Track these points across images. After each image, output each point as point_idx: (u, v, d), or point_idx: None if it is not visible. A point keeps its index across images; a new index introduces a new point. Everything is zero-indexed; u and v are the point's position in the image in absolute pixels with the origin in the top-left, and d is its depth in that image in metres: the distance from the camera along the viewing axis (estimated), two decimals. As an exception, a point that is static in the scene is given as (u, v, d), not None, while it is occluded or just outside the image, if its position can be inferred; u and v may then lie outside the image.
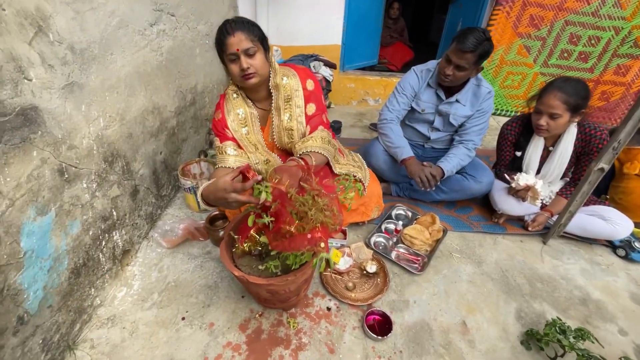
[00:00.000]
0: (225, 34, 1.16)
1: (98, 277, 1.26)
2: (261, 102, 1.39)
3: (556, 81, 1.51)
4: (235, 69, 1.21)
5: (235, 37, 1.16)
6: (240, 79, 1.24)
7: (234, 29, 1.16)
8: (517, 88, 3.11)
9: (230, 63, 1.21)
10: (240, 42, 1.16)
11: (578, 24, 2.72)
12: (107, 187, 1.28)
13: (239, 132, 1.36)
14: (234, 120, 1.36)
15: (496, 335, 1.27)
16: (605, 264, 1.62)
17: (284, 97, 1.34)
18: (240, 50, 1.17)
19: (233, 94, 1.36)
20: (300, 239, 0.86)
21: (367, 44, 3.59)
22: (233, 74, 1.24)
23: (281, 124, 1.36)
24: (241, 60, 1.18)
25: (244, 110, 1.36)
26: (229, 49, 1.17)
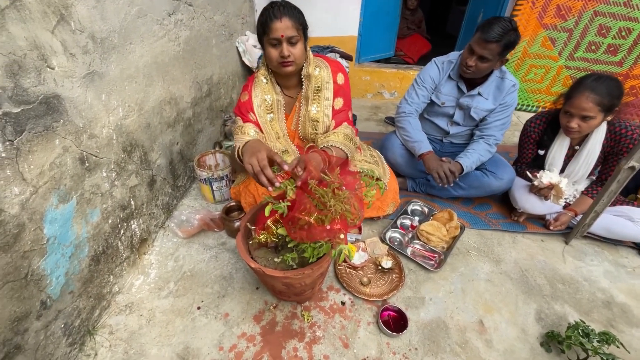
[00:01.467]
0: (272, 17, 1.15)
1: (117, 264, 1.28)
2: (289, 89, 1.39)
3: (586, 80, 1.43)
4: (275, 54, 1.20)
5: (282, 23, 1.14)
6: (277, 65, 1.23)
7: (282, 13, 1.14)
8: (539, 82, 2.99)
9: (270, 47, 1.21)
10: (286, 28, 1.15)
11: (608, 15, 2.58)
12: (126, 176, 1.29)
13: (263, 118, 1.36)
14: (261, 105, 1.36)
15: (515, 336, 1.23)
16: (631, 267, 1.56)
17: (314, 88, 1.34)
18: (285, 37, 1.16)
19: (263, 79, 1.36)
20: (319, 229, 0.84)
21: (384, 36, 3.51)
22: (270, 58, 1.23)
23: (308, 114, 1.36)
24: (283, 47, 1.18)
25: (272, 97, 1.36)
26: (273, 33, 1.16)
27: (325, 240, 0.88)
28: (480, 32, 1.46)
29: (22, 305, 0.89)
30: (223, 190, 1.74)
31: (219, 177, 1.69)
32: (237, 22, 2.52)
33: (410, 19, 4.26)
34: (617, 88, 1.40)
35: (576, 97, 1.42)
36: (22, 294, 0.88)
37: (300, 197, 0.85)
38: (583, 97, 1.39)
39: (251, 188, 1.50)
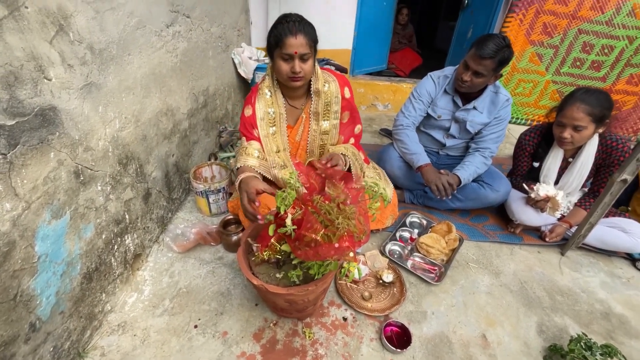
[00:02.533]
0: (287, 32, 1.15)
1: (109, 282, 1.22)
2: (294, 100, 1.40)
3: (577, 93, 1.48)
4: (286, 69, 1.22)
5: (297, 40, 1.16)
6: (286, 79, 1.25)
7: (297, 30, 1.15)
8: (528, 96, 3.09)
9: (281, 60, 1.21)
10: (300, 45, 1.16)
11: (591, 33, 2.71)
12: (121, 189, 1.25)
13: (265, 131, 1.36)
14: (264, 118, 1.36)
15: (518, 350, 1.23)
16: (626, 277, 1.58)
17: (324, 104, 1.36)
18: (298, 54, 1.18)
19: (267, 91, 1.36)
20: (327, 247, 0.83)
21: (377, 49, 3.58)
22: (280, 72, 1.23)
23: (319, 128, 1.39)
24: (295, 63, 1.19)
25: (275, 110, 1.37)
26: (287, 49, 1.17)
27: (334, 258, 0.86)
28: (475, 48, 1.50)
29: (10, 329, 0.83)
30: (220, 202, 1.71)
31: (216, 189, 1.65)
32: (233, 34, 2.53)
33: (401, 34, 4.36)
34: (606, 100, 1.45)
35: (568, 108, 1.46)
36: (9, 317, 0.83)
37: (307, 214, 0.84)
38: (574, 108, 1.44)
39: None
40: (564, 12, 2.64)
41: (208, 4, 1.95)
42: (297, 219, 0.89)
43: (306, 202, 0.90)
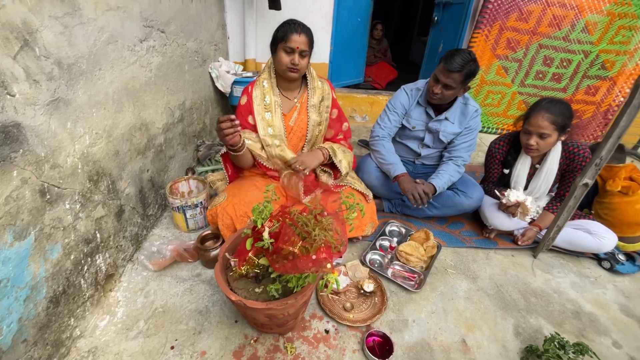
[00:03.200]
0: (294, 29, 1.40)
1: (78, 305, 1.16)
2: (288, 92, 1.60)
3: (542, 102, 1.58)
4: (286, 60, 1.43)
5: (301, 37, 1.40)
6: (285, 69, 1.46)
7: (302, 30, 1.42)
8: (497, 106, 3.25)
9: (283, 52, 1.43)
10: (302, 42, 1.41)
11: (551, 47, 2.90)
12: (92, 207, 1.21)
13: (261, 115, 1.53)
14: (260, 104, 1.53)
15: (497, 353, 1.25)
16: (594, 277, 1.66)
17: (319, 98, 1.61)
18: (299, 49, 1.41)
19: (264, 82, 1.55)
20: (305, 260, 0.82)
21: (353, 63, 3.68)
22: (281, 62, 1.44)
23: (317, 118, 1.62)
24: (295, 56, 1.42)
25: (270, 97, 1.54)
26: (292, 43, 1.40)
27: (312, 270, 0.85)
28: (443, 63, 1.57)
29: (-35, 362, 0.78)
30: (197, 218, 1.67)
31: (193, 204, 1.62)
32: (210, 49, 2.54)
33: (376, 48, 4.51)
34: (568, 110, 1.55)
35: (533, 116, 1.55)
36: (-35, 348, 0.77)
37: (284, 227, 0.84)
38: (540, 116, 1.53)
39: (229, 210, 1.46)
40: (525, 28, 2.82)
41: (183, 19, 1.95)
42: (274, 232, 0.88)
43: (283, 214, 0.90)
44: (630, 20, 2.73)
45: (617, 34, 2.79)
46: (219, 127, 1.26)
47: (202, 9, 2.29)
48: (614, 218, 1.81)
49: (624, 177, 1.80)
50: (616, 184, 1.78)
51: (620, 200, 1.80)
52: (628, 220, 1.78)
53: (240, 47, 3.05)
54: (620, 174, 1.79)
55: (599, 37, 2.81)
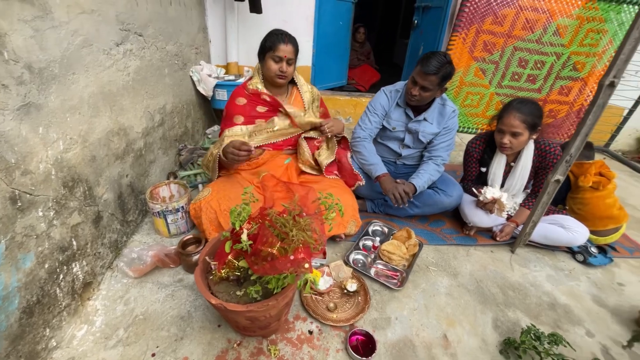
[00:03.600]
0: (281, 39, 1.53)
1: (54, 315, 1.13)
2: (278, 96, 1.73)
3: (513, 103, 1.64)
4: (275, 68, 1.58)
5: (288, 47, 1.55)
6: (274, 76, 1.60)
7: (289, 40, 1.56)
8: (476, 107, 3.34)
9: (272, 61, 1.57)
10: (290, 52, 1.56)
11: (525, 50, 3.01)
12: (67, 214, 1.18)
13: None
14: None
15: (476, 346, 1.28)
16: (568, 269, 1.73)
17: (310, 99, 1.80)
18: (286, 58, 1.56)
19: (259, 85, 1.68)
20: (283, 261, 0.83)
21: (336, 66, 3.72)
22: (270, 70, 1.59)
23: (315, 114, 1.81)
24: (283, 64, 1.57)
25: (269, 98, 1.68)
26: (280, 52, 1.54)
27: (290, 270, 0.86)
28: (420, 65, 1.61)
29: None
30: (179, 222, 1.65)
31: (174, 209, 1.60)
32: (191, 52, 2.52)
33: (359, 51, 4.57)
34: (537, 109, 1.61)
35: (505, 116, 1.62)
36: None
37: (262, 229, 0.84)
38: (511, 116, 1.59)
39: (213, 204, 1.46)
40: (500, 31, 2.92)
41: (162, 22, 1.94)
42: (253, 234, 0.89)
43: (262, 216, 0.91)
44: (598, 23, 2.87)
45: (587, 36, 2.92)
46: (239, 154, 1.40)
47: (182, 12, 2.28)
48: (587, 212, 1.89)
49: (594, 173, 1.88)
50: (587, 180, 1.86)
51: (591, 195, 1.88)
52: (599, 214, 1.86)
53: (222, 50, 3.04)
54: (591, 170, 1.87)
55: (570, 40, 2.94)
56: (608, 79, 1.31)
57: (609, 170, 1.87)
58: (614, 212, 1.84)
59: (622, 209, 1.87)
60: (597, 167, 1.88)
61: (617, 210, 1.85)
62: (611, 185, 1.84)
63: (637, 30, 1.22)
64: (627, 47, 1.25)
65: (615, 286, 1.66)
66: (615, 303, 1.55)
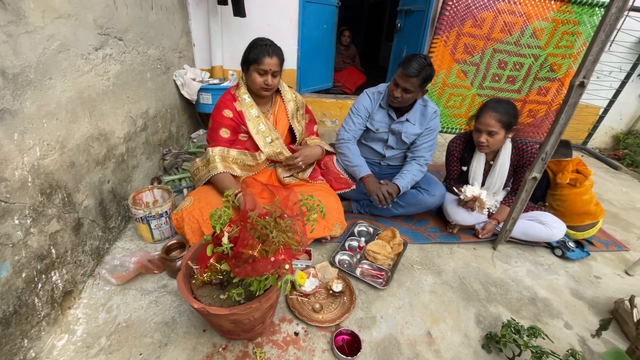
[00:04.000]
0: (265, 53, 1.48)
1: (33, 325, 1.11)
2: (261, 106, 1.70)
3: (490, 103, 1.69)
4: (260, 81, 1.53)
5: (272, 60, 1.50)
6: (259, 88, 1.56)
7: (273, 52, 1.50)
8: (459, 108, 3.41)
9: (256, 74, 1.52)
10: (274, 65, 1.51)
11: (504, 52, 3.10)
12: (45, 222, 1.16)
13: (255, 128, 1.65)
14: (250, 119, 1.63)
15: (459, 342, 1.31)
16: (547, 264, 1.78)
17: (294, 108, 1.77)
18: (271, 71, 1.51)
19: (246, 97, 1.63)
20: (264, 262, 0.84)
21: (322, 69, 3.75)
22: (254, 82, 1.54)
23: (299, 124, 1.81)
24: (268, 77, 1.52)
25: (256, 110, 1.65)
26: (264, 66, 1.49)
27: (271, 272, 0.87)
28: (401, 68, 1.65)
29: None
30: (163, 228, 1.64)
31: (158, 214, 1.59)
32: (174, 56, 2.50)
33: (345, 54, 4.61)
34: (512, 109, 1.67)
35: (482, 116, 1.67)
36: None
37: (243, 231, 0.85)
38: (487, 115, 1.65)
39: (195, 214, 1.45)
40: (479, 34, 3.00)
41: (143, 26, 1.92)
42: (234, 237, 0.89)
43: (243, 219, 0.91)
44: (572, 26, 2.98)
45: (562, 38, 3.03)
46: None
47: (164, 16, 2.27)
48: (565, 209, 1.95)
49: (572, 170, 1.94)
50: (565, 177, 1.93)
51: (569, 192, 1.94)
52: (577, 210, 1.92)
53: (207, 54, 3.03)
54: (568, 168, 1.94)
55: (546, 42, 3.04)
56: (578, 79, 1.37)
57: (586, 167, 1.94)
58: (591, 208, 1.91)
59: (598, 205, 1.94)
60: (574, 164, 1.95)
61: (593, 206, 1.92)
62: (588, 182, 1.91)
63: (603, 32, 1.28)
64: (594, 49, 1.31)
65: (592, 279, 1.72)
66: (592, 295, 1.60)
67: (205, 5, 2.79)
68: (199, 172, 1.62)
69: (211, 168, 1.56)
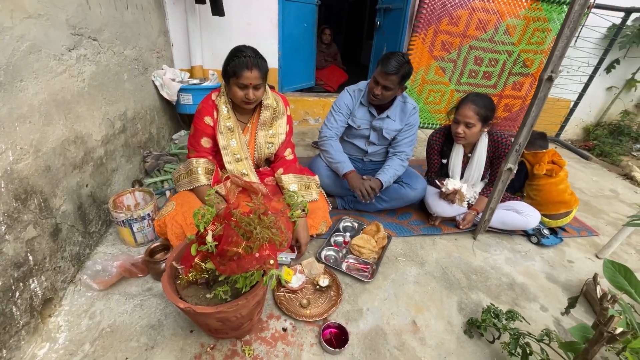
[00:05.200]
0: (244, 67, 1.35)
1: (11, 335, 1.07)
2: (243, 115, 1.61)
3: (470, 95, 1.76)
4: (241, 95, 1.42)
5: (252, 73, 1.37)
6: (240, 102, 1.46)
7: (253, 65, 1.36)
8: (438, 104, 3.50)
9: (236, 87, 1.41)
10: (255, 78, 1.38)
11: (480, 49, 3.19)
12: (20, 228, 1.12)
13: (225, 141, 1.56)
14: (223, 131, 1.54)
15: (443, 329, 1.36)
16: (524, 251, 1.86)
17: (271, 116, 1.61)
18: (252, 85, 1.39)
19: (224, 107, 1.53)
20: (248, 259, 0.85)
21: (303, 67, 3.75)
22: (235, 96, 1.44)
23: (266, 136, 1.63)
24: (249, 92, 1.41)
25: (232, 123, 1.55)
26: (244, 80, 1.37)
27: (256, 268, 0.88)
28: (381, 66, 1.68)
29: None
30: (145, 231, 1.61)
31: (140, 217, 1.56)
32: (152, 57, 2.45)
33: (326, 52, 4.63)
34: (490, 103, 1.73)
35: (462, 107, 1.74)
36: None
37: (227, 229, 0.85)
38: (466, 107, 1.71)
39: (178, 219, 1.43)
40: (456, 31, 3.08)
41: (118, 26, 1.88)
42: (218, 235, 0.89)
43: (227, 217, 0.92)
44: (543, 23, 3.10)
45: (533, 35, 3.15)
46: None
47: (140, 15, 2.22)
48: (542, 198, 2.04)
49: (547, 161, 2.03)
50: (542, 168, 2.01)
51: (545, 182, 2.03)
52: (552, 199, 2.01)
53: (186, 54, 2.99)
54: (544, 159, 2.02)
55: (519, 39, 3.15)
56: (546, 73, 1.44)
57: (560, 158, 2.04)
58: (566, 197, 2.00)
59: (573, 195, 2.04)
60: (550, 155, 2.03)
61: (568, 195, 2.01)
62: (562, 172, 2.01)
63: (567, 28, 1.35)
64: (560, 44, 1.38)
65: (565, 263, 1.81)
66: (565, 279, 1.69)
67: (183, 4, 2.75)
68: (181, 179, 1.60)
69: (193, 179, 1.53)
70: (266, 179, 1.70)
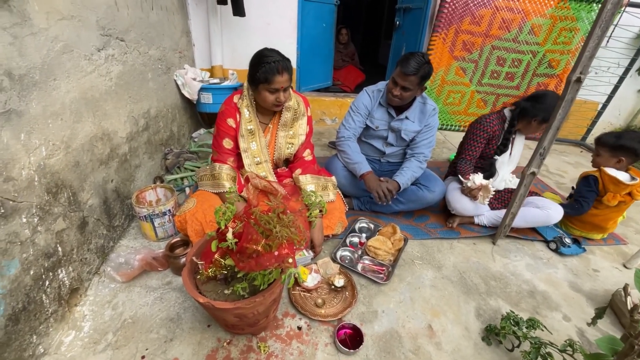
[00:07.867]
0: (275, 71, 1.37)
1: (41, 321, 1.13)
2: (264, 116, 1.63)
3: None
4: (272, 99, 1.45)
5: (283, 77, 1.40)
6: (271, 106, 1.49)
7: (283, 69, 1.39)
8: (458, 105, 3.43)
9: (267, 92, 1.43)
10: (285, 81, 1.41)
11: (502, 49, 3.11)
12: (51, 220, 1.18)
13: (246, 144, 1.58)
14: (244, 134, 1.57)
15: (460, 335, 1.33)
16: (546, 258, 1.80)
17: (292, 117, 1.63)
18: (283, 88, 1.42)
19: (246, 110, 1.55)
20: (267, 256, 0.86)
21: (321, 67, 3.76)
22: (265, 101, 1.46)
23: (286, 136, 1.65)
24: (281, 95, 1.44)
25: (253, 127, 1.58)
26: (275, 85, 1.40)
27: (275, 266, 0.89)
28: (400, 66, 1.66)
29: None
30: (166, 226, 1.66)
31: (161, 212, 1.61)
32: (175, 56, 2.52)
33: (344, 52, 4.62)
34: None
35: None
36: None
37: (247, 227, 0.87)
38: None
39: (198, 216, 1.47)
40: (478, 31, 3.01)
41: (144, 27, 1.94)
42: (238, 232, 0.91)
43: (247, 215, 0.93)
44: (570, 22, 2.99)
45: (560, 35, 3.04)
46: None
47: (164, 17, 2.28)
48: (584, 218, 1.88)
49: (624, 193, 1.77)
50: (615, 200, 1.77)
51: (605, 211, 1.83)
52: (597, 223, 1.87)
53: (207, 54, 3.05)
54: (622, 192, 1.76)
55: (544, 38, 3.05)
56: (575, 75, 1.39)
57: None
58: (609, 225, 1.87)
59: (615, 223, 1.88)
60: (634, 188, 1.74)
61: (612, 223, 1.87)
62: (626, 206, 1.80)
63: (599, 28, 1.30)
64: (590, 45, 1.33)
65: (590, 272, 1.74)
66: (590, 288, 1.63)
67: (205, 5, 2.81)
68: (204, 179, 1.61)
69: (218, 184, 1.55)
70: (284, 180, 1.72)
